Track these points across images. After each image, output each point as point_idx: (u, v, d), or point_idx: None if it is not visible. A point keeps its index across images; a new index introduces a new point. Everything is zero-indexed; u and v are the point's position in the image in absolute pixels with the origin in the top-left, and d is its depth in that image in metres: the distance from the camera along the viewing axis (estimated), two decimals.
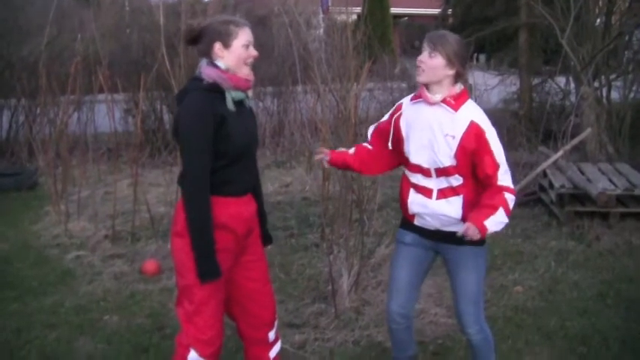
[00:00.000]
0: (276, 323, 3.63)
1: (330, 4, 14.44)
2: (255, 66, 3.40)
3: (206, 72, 3.21)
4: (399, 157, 3.64)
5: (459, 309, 3.61)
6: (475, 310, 3.57)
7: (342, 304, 5.04)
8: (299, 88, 11.70)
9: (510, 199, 3.34)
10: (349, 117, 5.22)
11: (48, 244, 6.97)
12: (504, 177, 3.36)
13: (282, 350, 3.74)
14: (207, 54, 3.25)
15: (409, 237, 3.62)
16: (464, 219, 3.38)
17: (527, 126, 11.39)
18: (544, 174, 7.96)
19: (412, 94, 3.58)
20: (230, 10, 13.22)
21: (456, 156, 3.33)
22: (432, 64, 3.36)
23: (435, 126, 3.38)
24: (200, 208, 3.12)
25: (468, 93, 3.45)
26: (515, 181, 8.24)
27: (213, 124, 3.11)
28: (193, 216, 3.12)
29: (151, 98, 11.35)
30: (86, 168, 8.96)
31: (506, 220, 3.31)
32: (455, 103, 3.38)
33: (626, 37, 11.03)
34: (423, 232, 3.56)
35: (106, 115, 7.87)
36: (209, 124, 3.10)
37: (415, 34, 24.62)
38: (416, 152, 3.46)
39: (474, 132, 3.31)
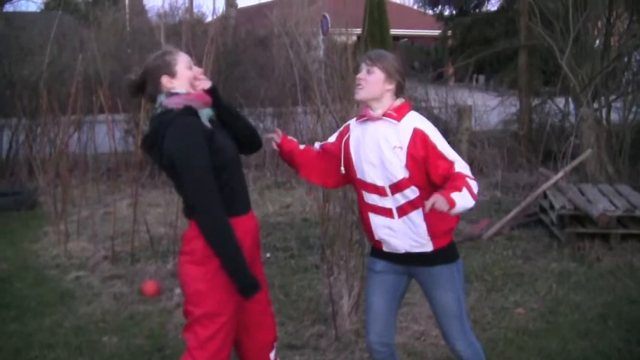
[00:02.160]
0: (276, 344, 3.61)
1: (330, 25, 14.49)
2: (256, 86, 3.41)
3: (172, 101, 3.21)
4: (348, 178, 3.59)
5: (443, 329, 3.56)
6: (460, 326, 3.50)
7: (342, 325, 5.01)
8: (299, 108, 11.73)
9: (473, 183, 3.25)
10: None
11: (47, 264, 6.95)
12: (463, 170, 3.30)
13: None
14: (159, 91, 3.26)
15: (380, 264, 3.56)
16: (430, 232, 3.36)
17: (527, 147, 11.42)
18: (544, 195, 7.96)
19: (358, 115, 3.58)
20: (230, 30, 13.30)
21: (407, 166, 3.30)
22: (371, 79, 3.37)
23: (381, 141, 3.36)
24: (224, 232, 3.11)
25: (410, 105, 3.46)
26: (515, 202, 8.29)
27: (206, 142, 3.12)
28: (221, 241, 3.11)
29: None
30: (86, 188, 8.95)
31: (472, 202, 3.21)
32: (397, 114, 3.37)
33: (625, 59, 11.07)
34: (393, 258, 3.49)
35: (107, 135, 7.88)
36: (204, 144, 3.10)
37: (415, 56, 24.74)
38: (368, 170, 3.41)
39: (419, 138, 3.29)
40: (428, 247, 3.39)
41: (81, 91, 7.89)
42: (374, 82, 3.37)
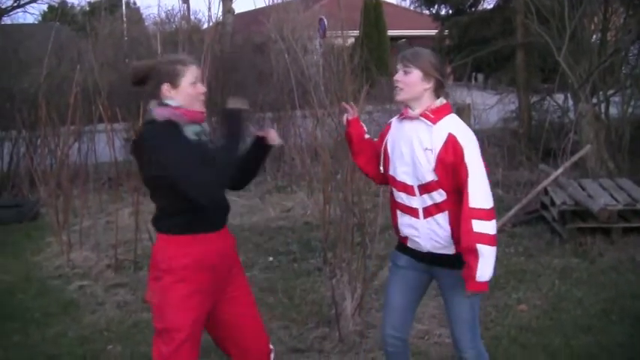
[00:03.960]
0: (272, 355, 3.59)
1: (326, 28, 14.50)
2: (254, 92, 3.42)
3: (158, 112, 3.18)
4: (385, 178, 3.61)
5: (455, 334, 3.55)
6: (472, 335, 3.50)
7: (345, 327, 5.02)
8: (298, 112, 11.74)
9: (484, 225, 3.20)
10: None
11: (50, 274, 6.96)
12: (478, 197, 3.23)
13: None
14: (156, 95, 3.24)
15: (403, 259, 3.58)
16: (453, 236, 3.34)
17: (527, 144, 11.41)
18: (545, 192, 7.96)
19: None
20: (227, 38, 13.32)
21: (436, 170, 3.28)
22: (408, 80, 3.36)
23: (414, 141, 3.36)
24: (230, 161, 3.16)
25: (450, 108, 3.43)
26: (516, 199, 8.29)
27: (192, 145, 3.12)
28: (228, 161, 3.16)
29: None
30: (87, 198, 8.96)
31: (492, 252, 3.21)
32: (434, 116, 3.35)
33: (623, 53, 11.08)
34: (416, 255, 3.50)
35: (107, 144, 7.89)
36: (183, 140, 3.11)
37: None
38: (400, 169, 3.43)
39: (451, 144, 3.25)
40: (450, 249, 3.38)
41: (80, 102, 7.90)
42: (412, 83, 3.36)
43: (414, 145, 3.36)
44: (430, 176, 3.30)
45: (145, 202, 9.03)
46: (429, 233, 3.39)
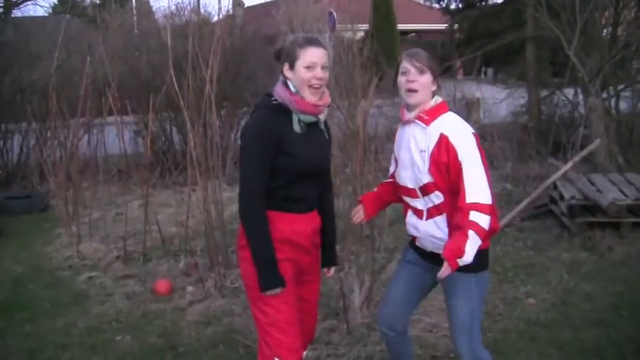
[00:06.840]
0: (309, 345, 3.69)
1: (336, 21, 14.49)
2: (264, 85, 3.43)
3: (277, 90, 3.26)
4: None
5: (452, 336, 3.52)
6: (467, 339, 3.43)
7: (353, 319, 5.03)
8: None
9: (481, 217, 3.11)
10: (358, 133, 5.23)
11: (60, 265, 7.00)
12: (475, 192, 3.16)
13: None
14: (282, 73, 3.30)
15: (411, 255, 3.61)
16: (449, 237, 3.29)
17: (537, 138, 11.38)
18: (554, 186, 7.94)
19: None
20: (237, 30, 13.31)
21: (430, 171, 3.26)
22: (424, 80, 3.32)
23: (411, 143, 3.35)
24: (256, 220, 3.18)
25: (446, 106, 3.39)
26: (525, 193, 8.27)
27: (275, 142, 3.15)
28: (249, 227, 3.19)
29: (161, 119, 11.40)
30: (97, 190, 8.99)
31: (478, 242, 3.12)
32: (428, 117, 3.32)
33: (633, 48, 11.03)
34: (422, 253, 3.53)
35: (116, 136, 7.92)
36: (269, 143, 3.14)
37: None
38: (402, 174, 3.44)
39: (444, 145, 3.22)
40: None
41: (90, 94, 7.92)
42: (426, 84, 3.32)
43: (411, 148, 3.36)
44: (426, 178, 3.29)
45: (155, 194, 9.10)
46: (429, 234, 3.39)
